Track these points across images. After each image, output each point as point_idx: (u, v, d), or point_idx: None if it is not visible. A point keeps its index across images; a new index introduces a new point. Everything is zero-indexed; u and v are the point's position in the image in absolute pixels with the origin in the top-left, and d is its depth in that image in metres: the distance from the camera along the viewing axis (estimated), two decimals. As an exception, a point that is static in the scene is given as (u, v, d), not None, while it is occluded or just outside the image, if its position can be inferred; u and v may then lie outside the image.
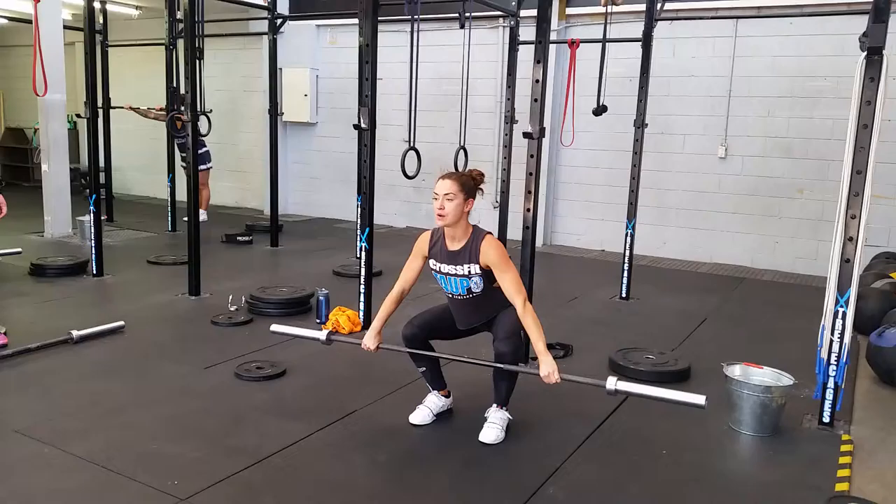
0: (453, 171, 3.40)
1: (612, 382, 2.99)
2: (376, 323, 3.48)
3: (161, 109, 9.09)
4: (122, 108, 9.19)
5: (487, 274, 3.27)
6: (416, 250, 3.48)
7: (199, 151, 7.97)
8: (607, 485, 3.03)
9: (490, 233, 3.35)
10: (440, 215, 3.22)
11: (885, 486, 3.08)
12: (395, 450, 3.32)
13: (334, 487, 2.92)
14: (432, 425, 3.51)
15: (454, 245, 3.31)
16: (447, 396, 3.64)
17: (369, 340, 3.44)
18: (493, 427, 3.34)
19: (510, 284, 3.23)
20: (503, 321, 3.34)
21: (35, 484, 2.85)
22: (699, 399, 2.88)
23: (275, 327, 3.77)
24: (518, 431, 3.41)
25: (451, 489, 2.95)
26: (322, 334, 3.61)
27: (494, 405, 3.41)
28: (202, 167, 8.41)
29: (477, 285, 3.29)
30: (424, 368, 3.55)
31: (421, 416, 3.53)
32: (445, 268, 3.34)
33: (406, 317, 3.57)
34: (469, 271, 3.27)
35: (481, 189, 3.36)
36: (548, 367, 3.09)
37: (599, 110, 6.37)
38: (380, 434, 3.41)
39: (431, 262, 3.40)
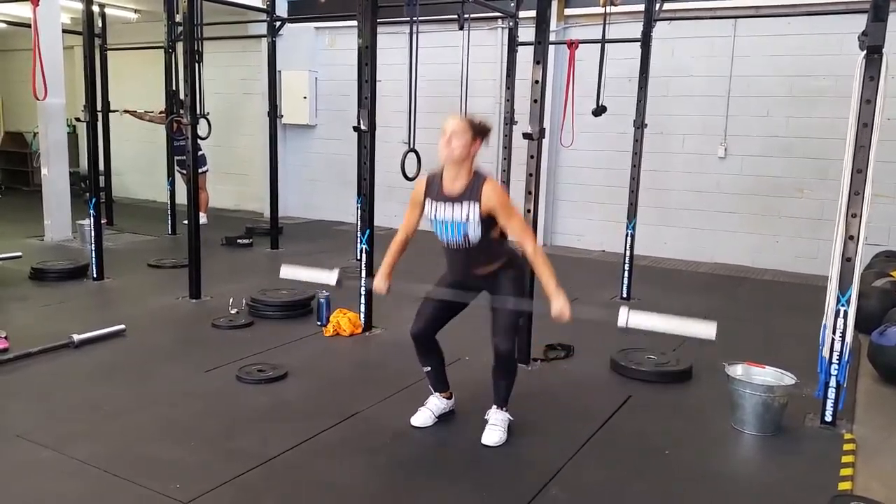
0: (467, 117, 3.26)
1: (623, 316, 2.91)
2: (383, 268, 3.44)
3: (161, 112, 9.08)
4: (118, 111, 9.17)
5: (486, 222, 3.14)
6: (412, 200, 3.35)
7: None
8: (610, 485, 3.03)
9: (492, 176, 3.24)
10: (446, 147, 3.11)
11: (888, 484, 3.07)
12: (397, 452, 3.32)
13: (336, 490, 2.91)
14: (434, 427, 3.51)
15: (454, 185, 3.16)
16: (449, 398, 3.63)
17: (380, 283, 3.43)
18: (495, 429, 3.34)
19: (518, 228, 3.17)
20: (501, 310, 3.25)
21: (36, 488, 2.85)
22: (710, 331, 2.81)
23: (284, 271, 3.64)
24: (520, 432, 3.40)
25: (454, 491, 2.94)
26: (333, 277, 3.48)
27: (494, 406, 3.40)
28: (199, 171, 8.39)
29: (474, 231, 3.13)
30: (430, 368, 3.52)
31: (423, 418, 3.52)
32: (442, 210, 3.18)
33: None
34: (467, 215, 3.11)
35: (488, 141, 3.26)
36: (559, 305, 3.05)
37: (599, 111, 6.37)
38: (381, 436, 3.40)
39: (428, 205, 3.25)
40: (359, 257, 5.16)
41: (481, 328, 3.46)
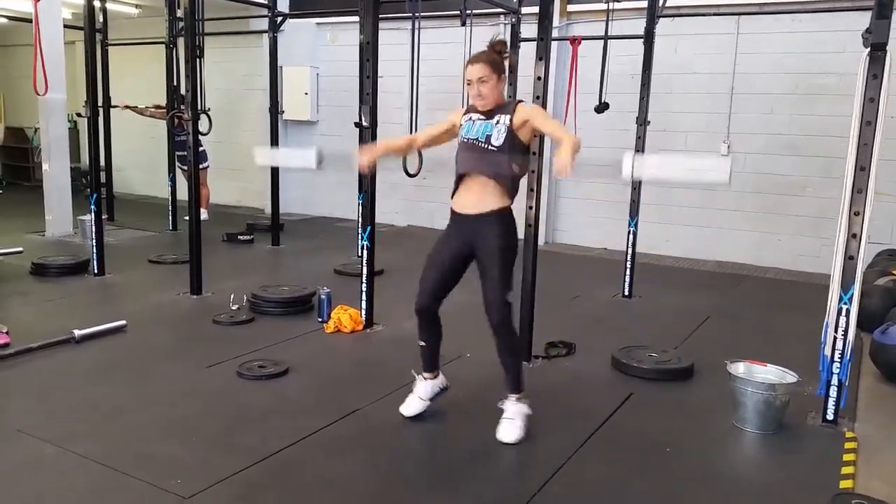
0: (479, 52, 3.27)
1: (627, 165, 2.75)
2: (378, 144, 3.46)
3: (161, 108, 9.08)
4: (118, 107, 9.17)
5: (513, 138, 3.17)
6: (449, 118, 3.40)
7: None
8: (611, 483, 3.02)
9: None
10: (479, 99, 3.19)
11: (890, 483, 3.06)
12: (398, 448, 3.32)
13: (336, 486, 2.91)
14: (434, 424, 3.50)
15: (489, 107, 3.23)
16: (436, 378, 3.55)
17: (365, 155, 3.48)
18: (511, 424, 3.25)
19: (554, 127, 3.22)
20: (490, 272, 3.19)
21: (37, 483, 2.84)
22: (723, 171, 2.66)
23: (260, 157, 3.53)
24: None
25: (454, 488, 2.94)
26: (311, 157, 3.45)
27: (510, 395, 3.30)
28: (199, 167, 8.39)
29: (498, 136, 3.16)
30: (426, 343, 3.47)
31: (412, 406, 3.49)
32: (475, 117, 3.26)
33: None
34: (497, 120, 3.19)
35: (506, 56, 3.29)
36: (561, 159, 2.84)
37: (601, 108, 6.35)
38: (382, 432, 3.40)
39: (464, 118, 3.30)
40: (360, 254, 5.16)
41: (482, 326, 3.46)
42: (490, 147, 3.18)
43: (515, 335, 3.34)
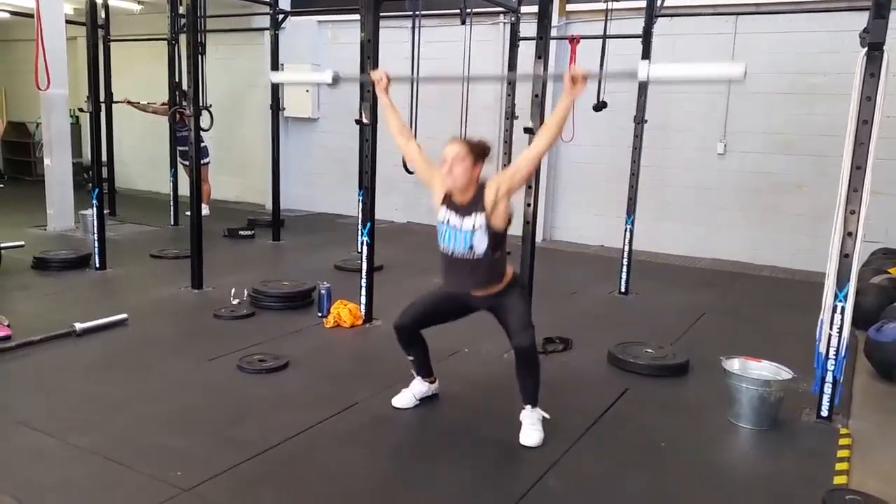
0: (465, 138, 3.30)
1: (643, 69, 2.83)
2: (387, 82, 3.52)
3: (163, 104, 9.10)
4: (121, 102, 9.20)
5: (494, 235, 3.18)
6: (433, 172, 3.36)
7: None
8: (606, 477, 3.05)
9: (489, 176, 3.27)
10: (449, 176, 3.17)
11: (883, 479, 3.10)
12: (396, 442, 3.35)
13: (336, 479, 2.94)
14: (432, 417, 3.54)
15: (463, 198, 3.22)
16: (433, 383, 3.69)
17: (379, 71, 3.52)
18: (533, 429, 3.29)
19: (527, 153, 3.23)
20: (513, 311, 3.29)
21: (38, 475, 2.87)
22: (737, 70, 2.72)
23: (274, 76, 3.60)
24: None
25: (452, 481, 2.97)
26: (327, 75, 3.56)
27: (527, 407, 3.35)
28: (201, 162, 8.42)
29: (480, 243, 3.17)
30: (413, 357, 3.58)
31: (404, 399, 3.59)
32: (452, 219, 3.23)
33: (398, 308, 3.59)
34: (474, 224, 3.17)
35: (490, 158, 3.29)
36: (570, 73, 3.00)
37: (599, 106, 6.39)
38: (381, 426, 3.43)
39: (442, 209, 3.28)
40: (360, 249, 5.19)
41: (480, 321, 3.49)
42: (475, 256, 3.21)
43: (538, 357, 3.36)
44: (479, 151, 3.21)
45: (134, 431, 3.25)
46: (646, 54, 5.86)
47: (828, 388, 3.57)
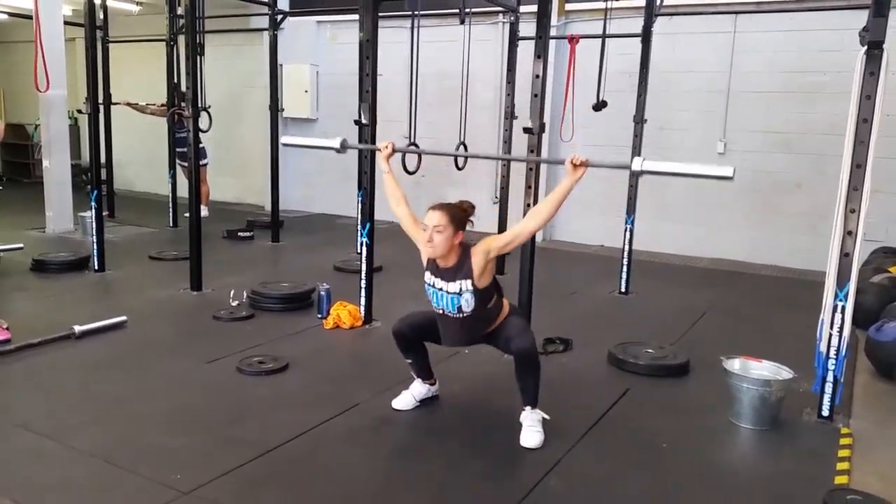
0: (443, 202, 3.35)
1: (637, 164, 3.07)
2: (388, 157, 3.73)
3: (162, 105, 9.09)
4: (119, 104, 9.20)
5: (481, 294, 3.24)
6: (418, 228, 3.40)
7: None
8: (608, 478, 3.05)
9: (476, 244, 3.31)
10: (429, 246, 3.22)
11: (884, 478, 3.09)
12: (397, 442, 3.34)
13: (336, 480, 2.94)
14: (433, 418, 3.54)
15: (446, 263, 3.28)
16: (433, 385, 3.70)
17: (385, 149, 3.68)
18: (533, 430, 3.28)
19: (514, 231, 3.32)
20: (508, 324, 3.34)
21: (37, 477, 2.87)
22: (727, 171, 2.93)
23: (285, 139, 3.83)
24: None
25: (452, 482, 2.96)
26: (335, 142, 3.80)
27: (527, 408, 3.35)
28: (199, 163, 8.42)
29: (468, 304, 3.24)
30: (411, 361, 3.59)
31: (404, 401, 3.59)
32: (437, 282, 3.31)
33: (406, 309, 3.59)
34: (460, 288, 3.23)
35: (471, 221, 3.35)
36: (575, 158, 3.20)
37: (599, 106, 6.38)
38: (381, 427, 3.43)
39: (427, 274, 3.37)
40: (359, 250, 5.18)
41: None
42: (465, 315, 3.28)
43: (538, 358, 3.34)
44: (460, 219, 3.26)
45: (133, 433, 3.24)
46: (645, 53, 5.85)
47: (828, 388, 3.56)
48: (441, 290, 3.29)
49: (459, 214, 3.26)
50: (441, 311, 3.35)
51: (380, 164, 3.74)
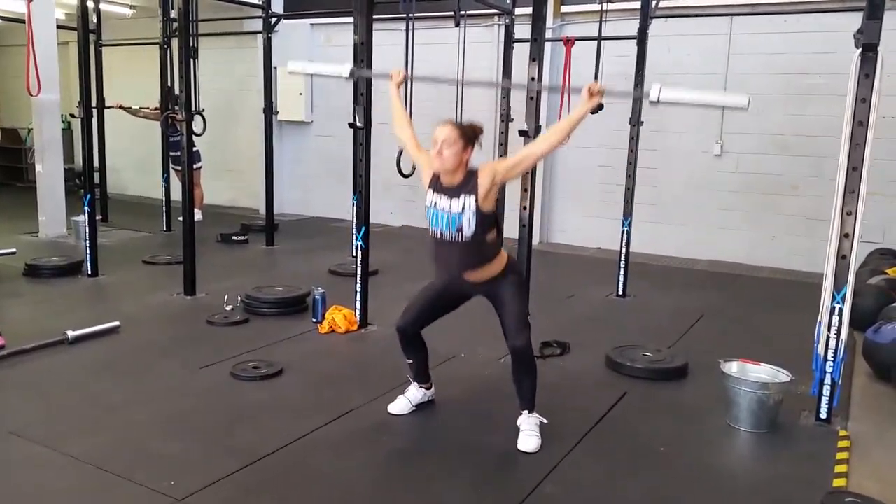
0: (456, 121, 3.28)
1: (654, 92, 3.05)
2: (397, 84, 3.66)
3: (155, 109, 9.06)
4: (113, 107, 9.17)
5: (483, 218, 3.14)
6: (423, 157, 3.35)
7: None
8: (605, 482, 3.03)
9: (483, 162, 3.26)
10: (438, 160, 3.13)
11: (882, 481, 3.08)
12: (393, 447, 3.32)
13: (332, 486, 2.91)
14: (430, 423, 3.51)
15: (452, 180, 3.18)
16: (429, 389, 3.67)
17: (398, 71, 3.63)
18: (530, 434, 3.27)
19: (529, 148, 3.30)
20: (509, 306, 3.24)
21: (31, 485, 2.84)
22: (742, 100, 2.95)
23: (292, 65, 3.81)
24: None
25: (449, 487, 2.95)
26: (345, 69, 3.74)
27: (524, 412, 3.33)
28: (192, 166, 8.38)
29: (469, 225, 3.12)
30: (412, 361, 3.55)
31: (400, 406, 3.57)
32: (440, 201, 3.20)
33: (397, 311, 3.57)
34: (463, 205, 3.12)
35: (480, 142, 3.27)
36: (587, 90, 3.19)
37: (595, 108, 6.36)
38: (377, 432, 3.41)
39: (430, 192, 3.26)
40: (354, 254, 5.16)
41: (477, 325, 3.47)
42: (464, 238, 3.17)
43: (534, 359, 3.34)
44: (470, 135, 3.18)
45: (127, 439, 3.21)
46: (641, 56, 5.85)
47: (826, 391, 3.56)
48: (442, 209, 3.18)
49: (469, 131, 3.19)
50: (438, 236, 3.22)
51: (391, 90, 3.65)
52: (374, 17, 4.78)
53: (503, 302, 3.27)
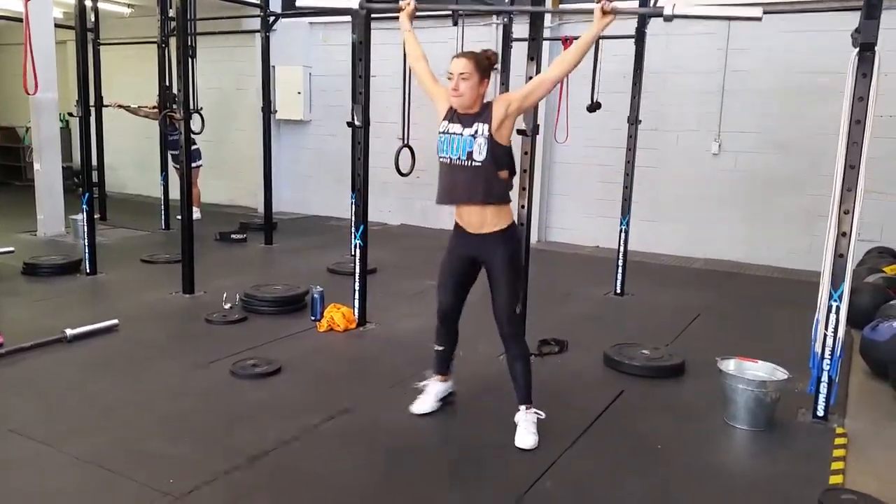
0: (470, 51, 3.26)
1: (669, 7, 3.14)
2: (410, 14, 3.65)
3: (154, 107, 9.06)
4: (111, 106, 9.16)
5: (494, 147, 3.11)
6: (440, 91, 3.33)
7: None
8: (603, 479, 3.04)
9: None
10: (455, 94, 3.13)
11: (879, 478, 3.09)
12: (391, 445, 3.32)
13: (330, 484, 2.92)
14: (428, 421, 3.52)
15: (468, 111, 3.18)
16: (447, 380, 3.65)
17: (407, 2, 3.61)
18: (527, 431, 3.27)
19: (542, 75, 3.26)
20: (500, 279, 3.22)
21: (30, 484, 2.84)
22: (756, 11, 3.07)
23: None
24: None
25: (448, 484, 2.96)
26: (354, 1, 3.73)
27: (522, 407, 3.33)
28: (192, 165, 8.37)
29: (480, 151, 3.09)
30: (443, 348, 3.54)
31: (425, 404, 3.55)
32: (453, 127, 3.18)
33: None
34: (476, 131, 3.11)
35: (496, 68, 3.26)
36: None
37: (593, 107, 6.38)
38: (375, 430, 3.41)
39: (442, 123, 3.23)
40: (353, 252, 5.16)
41: (476, 324, 3.47)
42: (473, 163, 3.12)
43: (526, 346, 3.35)
44: (485, 65, 3.18)
45: (125, 438, 3.22)
46: (639, 54, 5.85)
47: (823, 388, 3.56)
48: (454, 134, 3.16)
49: (484, 62, 3.18)
50: (448, 162, 3.19)
51: (402, 24, 3.64)
52: (372, 15, 4.79)
53: (495, 277, 3.25)
